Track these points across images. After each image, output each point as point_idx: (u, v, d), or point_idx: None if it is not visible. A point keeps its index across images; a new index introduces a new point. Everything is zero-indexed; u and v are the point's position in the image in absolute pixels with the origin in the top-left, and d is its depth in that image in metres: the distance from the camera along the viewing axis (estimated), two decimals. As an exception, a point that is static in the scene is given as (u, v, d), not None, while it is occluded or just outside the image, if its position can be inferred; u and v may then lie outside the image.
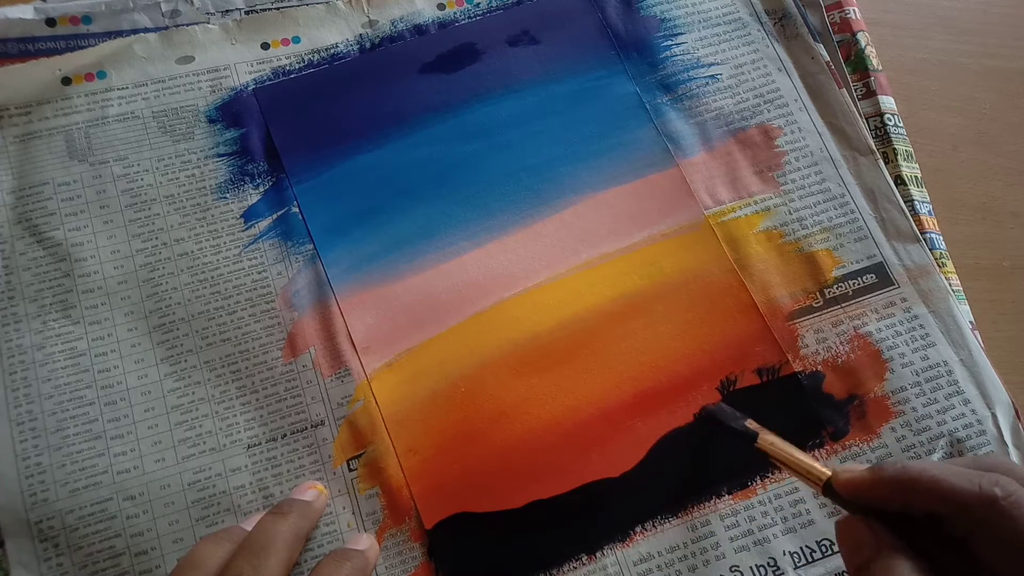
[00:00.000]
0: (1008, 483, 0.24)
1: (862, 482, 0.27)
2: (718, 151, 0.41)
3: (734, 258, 0.39)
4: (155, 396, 0.36)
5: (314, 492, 0.34)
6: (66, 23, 0.40)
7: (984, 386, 0.38)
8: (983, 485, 0.24)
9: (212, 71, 0.41)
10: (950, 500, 0.24)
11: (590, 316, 0.38)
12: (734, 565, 0.34)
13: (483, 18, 0.43)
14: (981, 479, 0.24)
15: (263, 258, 0.38)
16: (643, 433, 0.36)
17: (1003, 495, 0.24)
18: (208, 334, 0.37)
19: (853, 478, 0.27)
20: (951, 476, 0.25)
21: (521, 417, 0.36)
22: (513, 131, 0.41)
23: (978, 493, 0.24)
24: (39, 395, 0.35)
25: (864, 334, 0.38)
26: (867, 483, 0.27)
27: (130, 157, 0.39)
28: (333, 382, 0.36)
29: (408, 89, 0.42)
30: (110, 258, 0.38)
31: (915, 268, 0.40)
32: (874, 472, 0.27)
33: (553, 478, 0.35)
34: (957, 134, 0.46)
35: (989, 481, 0.24)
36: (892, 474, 0.26)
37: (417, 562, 0.34)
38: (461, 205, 0.40)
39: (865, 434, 0.37)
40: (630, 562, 0.34)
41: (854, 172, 0.41)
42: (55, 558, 0.33)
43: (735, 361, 0.38)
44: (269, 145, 0.40)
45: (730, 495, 0.36)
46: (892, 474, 0.26)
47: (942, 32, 0.49)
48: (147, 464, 0.35)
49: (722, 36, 0.44)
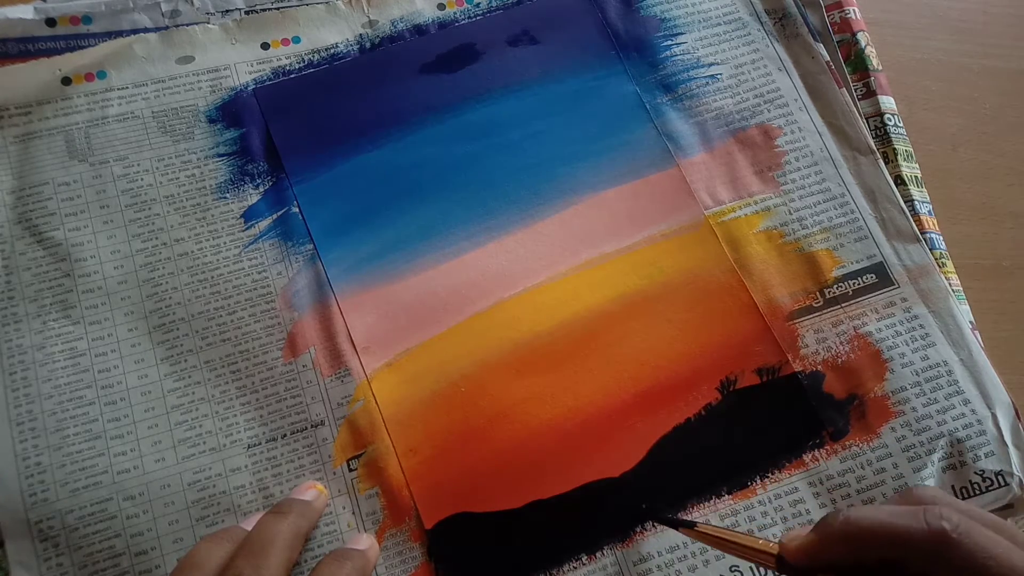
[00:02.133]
0: (950, 514, 0.24)
1: (811, 545, 0.26)
2: (718, 151, 0.41)
3: (734, 258, 0.39)
4: (155, 396, 0.36)
5: (314, 492, 0.34)
6: (66, 23, 0.40)
7: (984, 386, 0.37)
8: (930, 521, 0.24)
9: (212, 71, 0.41)
10: (901, 543, 0.24)
11: (590, 316, 0.38)
12: (734, 565, 0.34)
13: (483, 18, 0.43)
14: (926, 515, 0.24)
15: (263, 258, 0.38)
16: (643, 433, 0.36)
17: (951, 527, 0.24)
18: (208, 334, 0.37)
19: (802, 544, 0.27)
20: (897, 518, 0.25)
21: (521, 417, 0.36)
22: (513, 131, 0.41)
23: (927, 530, 0.24)
24: (39, 395, 0.35)
25: (864, 334, 0.38)
26: (817, 545, 0.26)
27: (130, 157, 0.39)
28: (333, 382, 0.36)
29: (408, 89, 0.42)
30: (110, 258, 0.38)
31: (915, 268, 0.40)
32: (820, 532, 0.26)
33: (553, 478, 0.35)
34: (957, 134, 0.46)
35: (933, 516, 0.24)
36: (839, 528, 0.26)
37: (417, 562, 0.34)
38: (461, 205, 0.40)
39: (865, 434, 0.37)
40: (630, 562, 0.34)
41: (854, 172, 0.41)
42: (55, 558, 0.33)
43: (735, 361, 0.38)
44: (269, 145, 0.40)
45: (730, 495, 0.36)
46: (839, 528, 0.26)
47: (942, 32, 0.49)
48: (147, 464, 0.35)
49: (722, 36, 0.44)
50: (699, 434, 0.36)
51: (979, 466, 0.36)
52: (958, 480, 0.36)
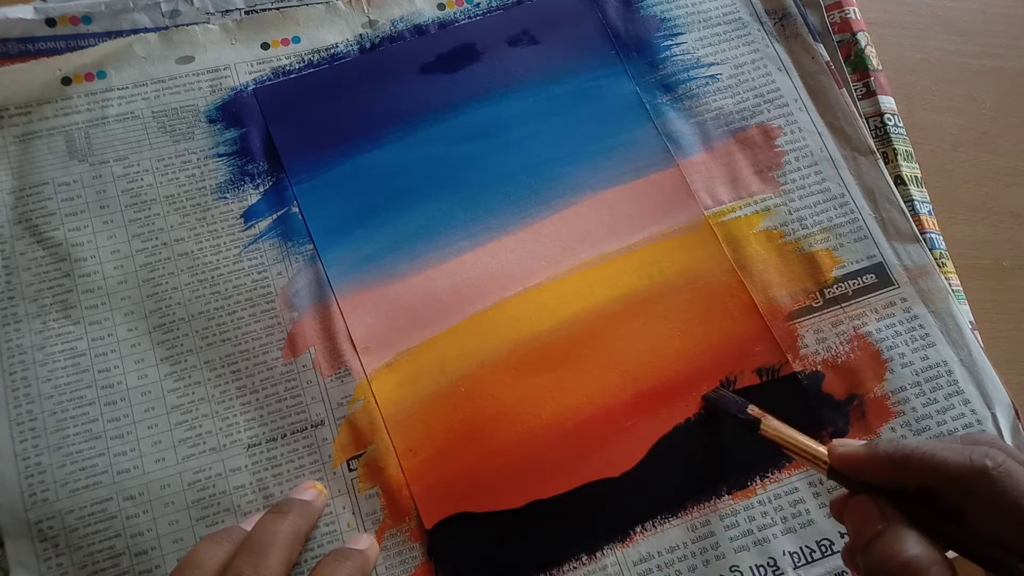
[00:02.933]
0: (996, 454, 0.25)
1: (857, 457, 0.28)
2: (718, 151, 0.41)
3: (734, 258, 0.39)
4: (155, 396, 0.36)
5: (313, 492, 0.34)
6: (66, 23, 0.40)
7: (984, 386, 0.38)
8: (974, 457, 0.25)
9: (212, 71, 0.41)
10: (943, 473, 0.25)
11: (590, 316, 0.38)
12: (734, 565, 0.34)
13: (483, 18, 0.43)
14: (971, 452, 0.25)
15: (263, 258, 0.38)
16: (643, 433, 0.36)
17: (993, 465, 0.25)
18: (208, 334, 0.37)
19: (848, 453, 0.28)
20: (943, 451, 0.26)
21: (521, 417, 0.36)
22: (513, 131, 0.41)
23: (969, 465, 0.25)
24: (39, 395, 0.35)
25: (864, 334, 0.38)
26: (862, 458, 0.28)
27: (130, 157, 0.39)
28: (333, 382, 0.36)
29: (408, 89, 0.42)
30: (110, 258, 0.38)
31: (915, 268, 0.40)
32: (870, 448, 0.28)
33: (553, 478, 0.35)
34: (957, 134, 0.46)
35: (979, 453, 0.25)
36: (888, 450, 0.27)
37: (417, 562, 0.34)
38: (461, 205, 0.40)
39: (865, 434, 0.37)
40: (630, 562, 0.34)
41: (854, 172, 0.41)
42: (55, 558, 0.33)
43: (735, 361, 0.38)
44: (269, 145, 0.40)
45: (730, 495, 0.36)
46: (888, 450, 0.27)
47: (942, 32, 0.49)
48: (147, 464, 0.35)
49: (722, 36, 0.44)
50: (699, 434, 0.36)
51: (979, 466, 0.36)
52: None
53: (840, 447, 0.29)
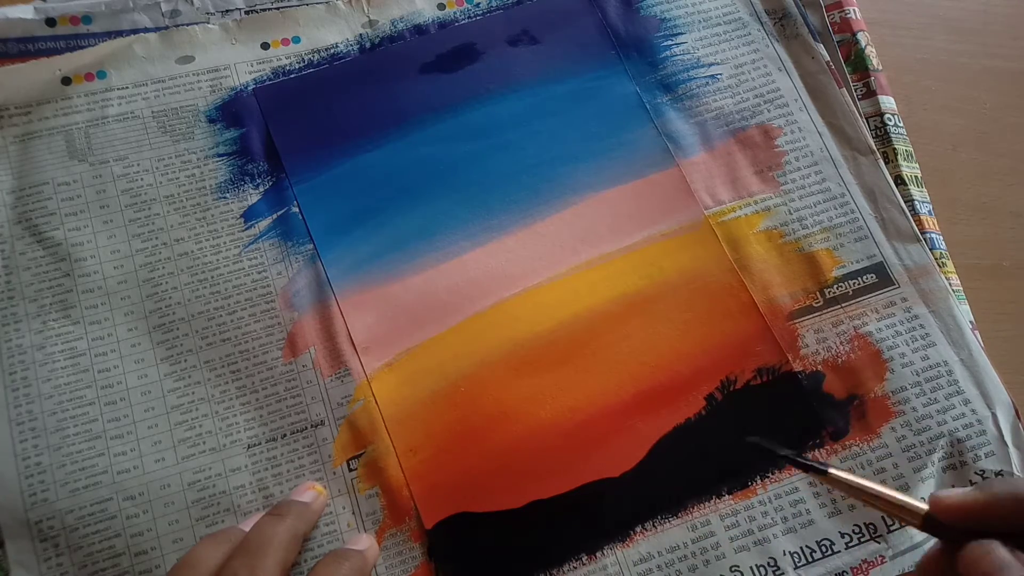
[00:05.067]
0: None
1: (974, 504, 0.26)
2: (718, 151, 0.41)
3: (734, 258, 0.39)
4: (155, 396, 0.36)
5: (312, 493, 0.34)
6: (66, 23, 0.40)
7: (984, 386, 0.37)
8: None
9: (212, 71, 0.41)
10: None
11: (590, 316, 0.38)
12: (734, 565, 0.34)
13: (483, 18, 0.43)
14: None
15: (263, 258, 0.38)
16: (643, 433, 0.36)
17: None
18: (208, 334, 0.37)
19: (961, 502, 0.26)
20: None
21: (521, 417, 0.36)
22: (513, 131, 0.41)
23: None
24: (39, 395, 0.35)
25: (864, 334, 0.38)
26: (981, 504, 0.25)
27: (130, 157, 0.39)
28: (333, 382, 0.36)
29: (408, 89, 0.42)
30: (110, 258, 0.38)
31: (915, 268, 0.39)
32: (986, 491, 0.25)
33: (553, 478, 0.35)
34: (957, 134, 0.46)
35: None
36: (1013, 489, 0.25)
37: (417, 562, 0.34)
38: (461, 205, 0.40)
39: (865, 434, 0.37)
40: (630, 562, 0.34)
41: (854, 172, 0.41)
42: (55, 558, 0.33)
43: (735, 361, 0.38)
44: (269, 145, 0.40)
45: (730, 495, 0.36)
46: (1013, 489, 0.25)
47: (942, 32, 0.49)
48: (147, 464, 0.35)
49: (722, 36, 0.44)
50: (699, 434, 0.36)
51: (979, 466, 0.36)
52: (958, 480, 0.36)
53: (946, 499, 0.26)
